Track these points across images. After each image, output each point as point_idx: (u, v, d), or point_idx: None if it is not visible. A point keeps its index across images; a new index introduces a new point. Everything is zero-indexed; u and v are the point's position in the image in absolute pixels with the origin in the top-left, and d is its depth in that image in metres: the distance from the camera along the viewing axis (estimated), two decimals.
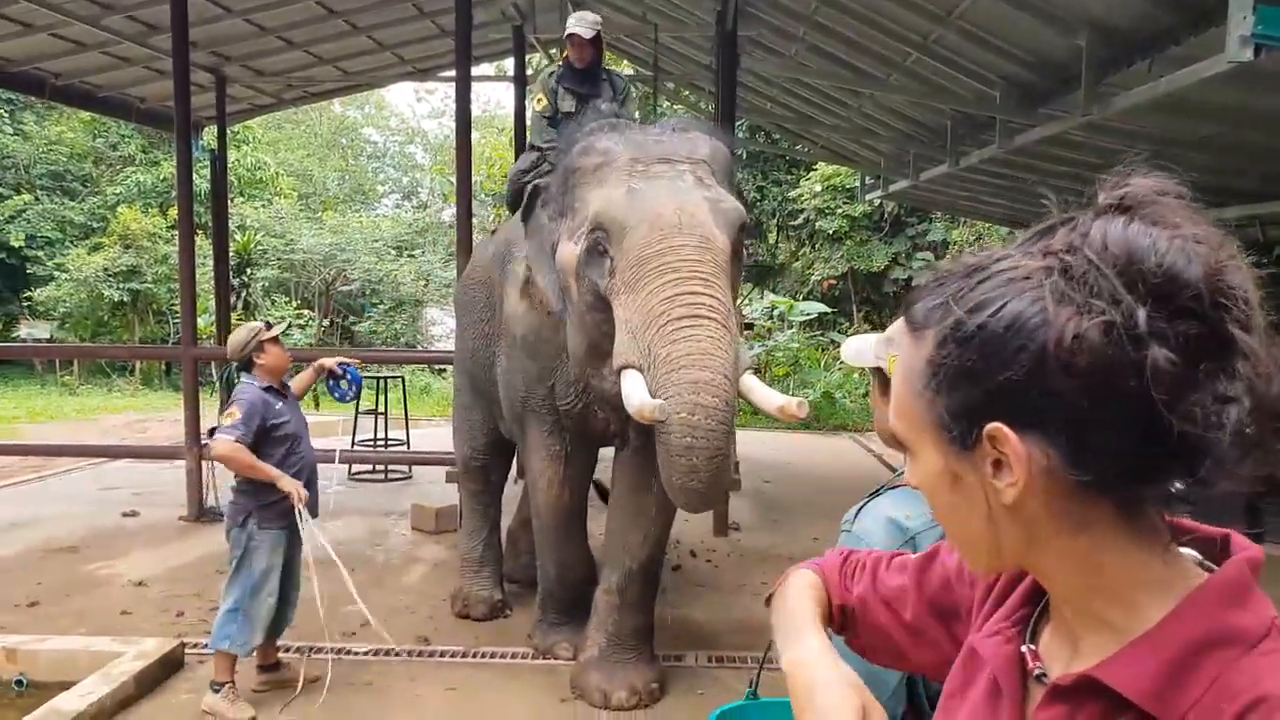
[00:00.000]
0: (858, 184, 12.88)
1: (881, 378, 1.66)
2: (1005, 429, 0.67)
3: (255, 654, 3.94)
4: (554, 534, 4.16)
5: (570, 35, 4.54)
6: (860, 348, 1.57)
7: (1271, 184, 6.68)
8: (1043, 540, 0.71)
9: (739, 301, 4.34)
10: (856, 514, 1.53)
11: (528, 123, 5.86)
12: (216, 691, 3.79)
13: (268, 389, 3.89)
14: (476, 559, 4.99)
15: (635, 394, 3.05)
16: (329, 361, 4.41)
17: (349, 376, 4.42)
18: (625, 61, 11.00)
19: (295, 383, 4.21)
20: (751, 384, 3.25)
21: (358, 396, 4.71)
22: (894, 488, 1.53)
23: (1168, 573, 0.71)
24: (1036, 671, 0.75)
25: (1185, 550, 0.73)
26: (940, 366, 0.70)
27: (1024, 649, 0.77)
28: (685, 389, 2.98)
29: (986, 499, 0.71)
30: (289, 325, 4.61)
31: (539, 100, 4.63)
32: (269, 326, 4.01)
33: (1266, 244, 9.30)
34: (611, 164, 3.38)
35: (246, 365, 3.93)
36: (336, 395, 4.55)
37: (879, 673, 1.44)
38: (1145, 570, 0.71)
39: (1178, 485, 0.70)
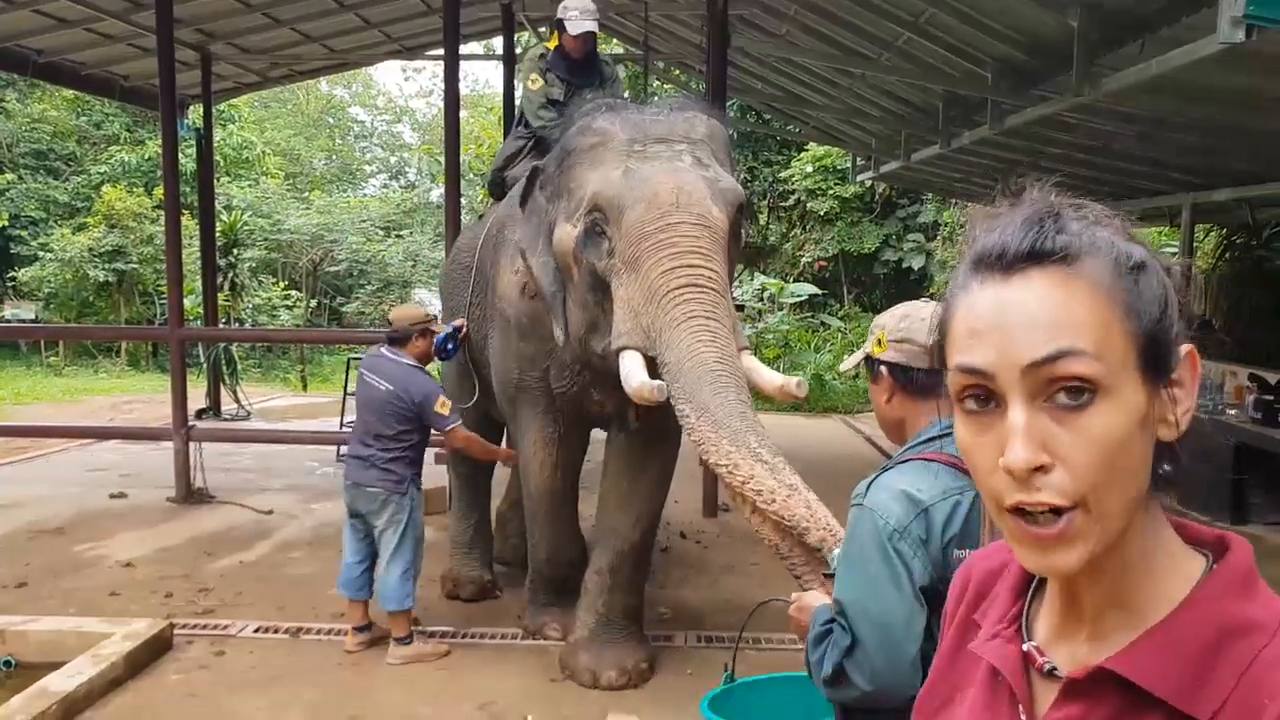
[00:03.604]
0: (849, 165, 12.85)
1: (871, 365, 1.66)
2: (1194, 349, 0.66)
3: (356, 613, 4.20)
4: (545, 516, 4.16)
5: (566, 27, 4.38)
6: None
7: (1261, 166, 6.69)
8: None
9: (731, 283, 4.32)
10: (868, 488, 1.54)
11: (516, 101, 5.77)
12: (406, 644, 4.04)
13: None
14: (466, 540, 5.00)
15: (635, 375, 3.04)
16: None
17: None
18: (615, 40, 10.91)
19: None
20: (750, 364, 3.20)
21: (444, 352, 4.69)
22: (903, 462, 1.55)
23: (1182, 553, 0.69)
24: (1047, 666, 0.72)
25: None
26: (1136, 293, 0.67)
27: (1027, 647, 0.74)
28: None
29: (1153, 440, 0.66)
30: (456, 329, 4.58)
31: (534, 80, 4.53)
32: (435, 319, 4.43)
33: (1256, 226, 9.33)
34: (608, 144, 3.35)
35: (397, 339, 4.16)
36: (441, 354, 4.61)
37: (900, 644, 1.43)
38: (1171, 545, 0.69)
39: (1165, 466, 0.69)
